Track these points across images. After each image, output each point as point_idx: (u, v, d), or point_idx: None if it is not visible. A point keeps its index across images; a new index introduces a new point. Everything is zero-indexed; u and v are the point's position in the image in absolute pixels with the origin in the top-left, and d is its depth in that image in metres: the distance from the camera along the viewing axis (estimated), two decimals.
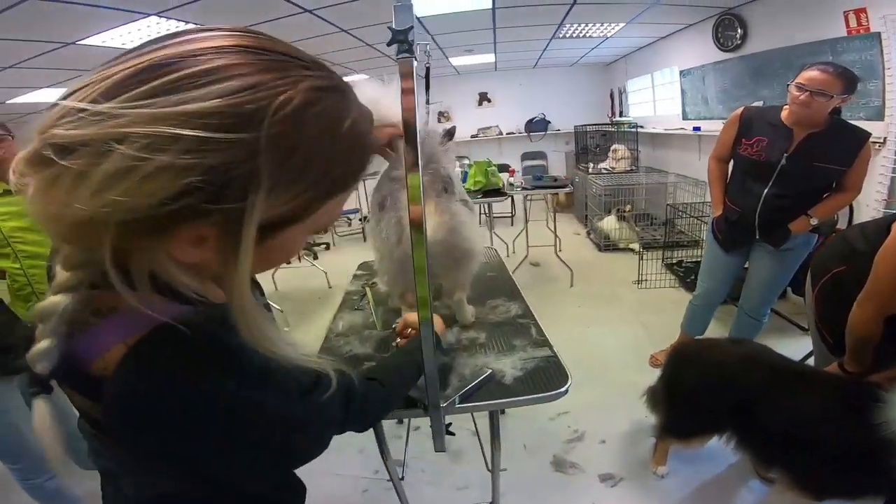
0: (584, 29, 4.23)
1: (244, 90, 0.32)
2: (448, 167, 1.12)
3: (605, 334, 2.81)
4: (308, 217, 0.40)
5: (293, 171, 0.36)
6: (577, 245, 4.67)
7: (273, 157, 0.33)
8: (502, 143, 6.94)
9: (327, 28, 3.28)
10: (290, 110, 0.34)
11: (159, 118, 0.30)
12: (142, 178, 0.30)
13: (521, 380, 1.00)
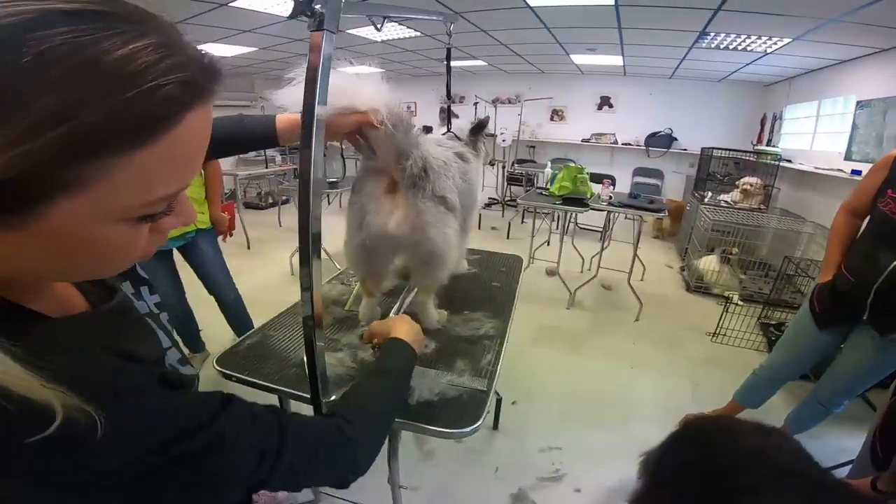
0: (734, 41, 3.69)
1: None
2: (432, 161, 1.06)
3: (646, 379, 2.53)
4: (77, 186, 0.31)
5: (15, 107, 0.27)
6: (663, 278, 4.21)
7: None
8: (615, 153, 6.45)
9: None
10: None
11: None
12: None
13: (428, 404, 0.92)
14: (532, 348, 2.84)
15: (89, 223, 0.33)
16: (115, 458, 0.35)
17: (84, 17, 0.29)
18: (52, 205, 0.30)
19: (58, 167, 0.29)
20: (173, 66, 0.32)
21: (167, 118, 0.32)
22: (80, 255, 0.36)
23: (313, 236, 0.69)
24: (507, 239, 5.15)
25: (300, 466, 0.53)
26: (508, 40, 4.20)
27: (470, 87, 6.69)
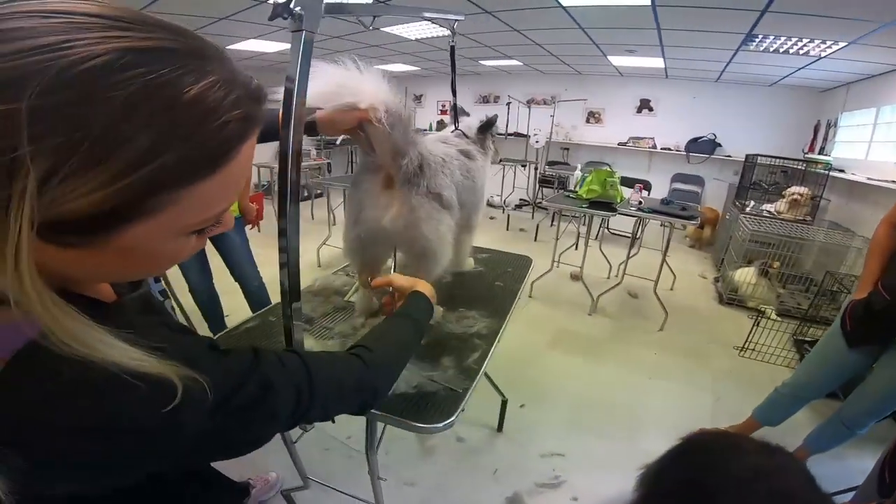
0: (784, 44, 3.50)
1: (12, 54, 0.27)
2: (429, 158, 1.07)
3: (662, 391, 2.44)
4: (152, 213, 0.34)
5: (86, 153, 0.29)
6: (694, 288, 4.05)
7: (44, 133, 0.27)
8: (654, 157, 6.23)
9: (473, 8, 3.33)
10: (71, 75, 0.28)
11: None
12: None
13: (404, 398, 0.93)
14: (548, 352, 2.80)
15: (156, 240, 0.37)
16: (197, 418, 0.40)
17: (157, 54, 0.31)
18: (130, 228, 0.34)
19: (141, 200, 0.33)
20: (235, 102, 0.35)
21: (229, 152, 0.37)
22: (142, 264, 0.40)
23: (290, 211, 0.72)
24: (535, 241, 5.09)
25: (330, 397, 0.59)
26: (543, 40, 4.14)
27: (505, 87, 6.65)
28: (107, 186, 0.30)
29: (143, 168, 0.31)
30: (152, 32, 0.32)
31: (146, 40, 0.31)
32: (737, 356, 2.85)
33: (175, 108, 0.32)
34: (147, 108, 0.30)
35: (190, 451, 0.43)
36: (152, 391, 0.35)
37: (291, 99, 0.70)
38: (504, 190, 6.49)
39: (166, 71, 0.31)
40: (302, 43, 0.69)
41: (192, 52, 0.34)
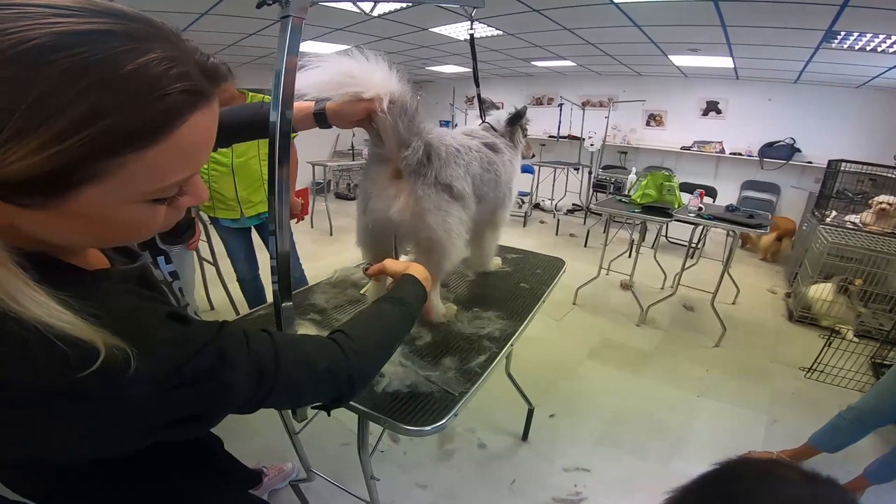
0: (870, 41, 3.13)
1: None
2: (439, 148, 1.04)
3: (711, 411, 2.25)
4: (97, 178, 0.36)
5: (24, 120, 0.32)
6: (762, 304, 3.69)
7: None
8: (721, 163, 5.80)
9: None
10: (11, 55, 0.31)
11: None
12: None
13: (395, 396, 0.90)
14: (587, 362, 2.67)
15: (111, 206, 0.40)
16: (143, 387, 0.40)
17: (95, 36, 0.34)
18: (80, 192, 0.37)
19: (81, 164, 0.35)
20: (179, 76, 0.37)
21: (172, 121, 0.38)
22: (106, 230, 0.43)
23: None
24: (585, 247, 4.90)
25: (300, 379, 0.57)
26: (597, 39, 3.97)
27: (559, 88, 6.47)
28: (43, 150, 0.33)
29: (76, 135, 0.33)
30: (94, 17, 0.35)
31: (86, 24, 0.34)
32: (802, 377, 2.57)
33: (110, 81, 0.34)
34: (81, 81, 0.33)
35: (135, 421, 0.42)
36: (70, 352, 0.36)
37: (279, 86, 0.70)
38: (556, 194, 6.32)
39: (103, 49, 0.34)
40: (289, 29, 0.69)
41: (132, 33, 0.36)
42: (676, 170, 5.31)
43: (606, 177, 6.00)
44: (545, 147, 6.80)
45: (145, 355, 0.39)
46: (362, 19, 3.35)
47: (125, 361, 0.38)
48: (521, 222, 5.83)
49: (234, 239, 2.43)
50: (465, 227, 1.12)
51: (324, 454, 1.77)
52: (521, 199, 6.03)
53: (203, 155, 0.44)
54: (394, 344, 0.75)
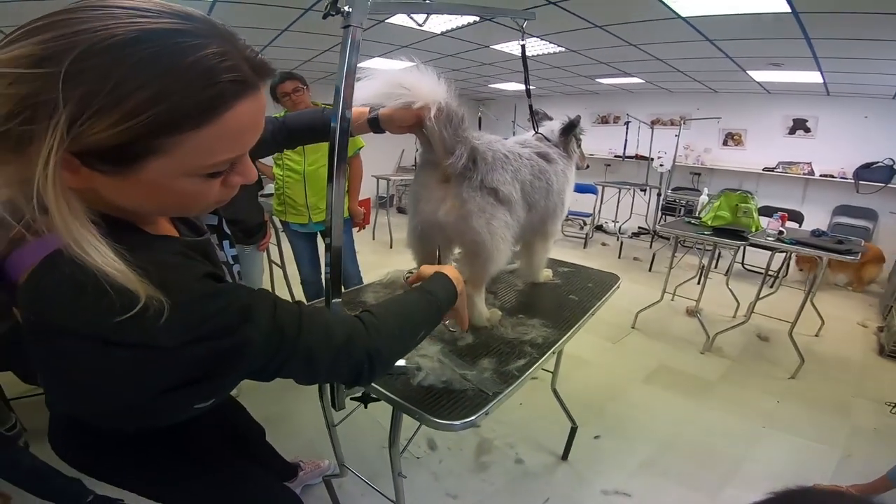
0: None
1: (67, 35, 0.39)
2: (485, 153, 1.07)
3: (777, 442, 2.07)
4: (159, 152, 0.44)
5: (107, 99, 0.39)
6: (850, 337, 3.33)
7: (73, 87, 0.38)
8: (809, 186, 5.31)
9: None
10: (99, 47, 0.38)
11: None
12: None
13: (428, 390, 0.92)
14: (642, 385, 2.54)
15: (170, 177, 0.47)
16: (170, 337, 0.45)
17: (165, 33, 0.42)
18: (144, 163, 0.44)
19: (146, 139, 0.42)
20: (228, 68, 0.44)
21: (221, 107, 0.45)
22: (166, 198, 0.50)
23: None
24: (649, 272, 4.67)
25: (317, 347, 0.59)
26: (665, 55, 3.84)
27: (625, 106, 6.29)
28: (118, 125, 0.40)
29: (144, 114, 0.40)
30: (166, 18, 0.42)
31: (158, 23, 0.41)
32: (887, 413, 2.31)
33: (173, 71, 0.41)
34: (150, 70, 0.40)
35: (158, 374, 0.47)
36: (116, 299, 0.42)
37: (339, 91, 0.77)
38: (620, 216, 6.10)
39: (169, 44, 0.41)
40: (350, 38, 0.76)
41: (194, 31, 0.43)
42: (758, 193, 4.93)
43: (676, 199, 5.70)
44: (610, 167, 6.62)
45: (177, 306, 0.45)
46: (426, 37, 3.50)
47: (159, 311, 0.43)
48: (582, 244, 5.68)
49: (301, 242, 2.60)
50: (510, 232, 1.13)
51: (360, 455, 1.81)
52: (583, 221, 5.88)
53: (249, 137, 0.51)
54: (417, 329, 0.76)
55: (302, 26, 3.35)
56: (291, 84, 2.28)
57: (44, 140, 0.38)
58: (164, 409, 0.53)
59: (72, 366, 0.47)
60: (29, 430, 1.77)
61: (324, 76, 5.58)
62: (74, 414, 0.67)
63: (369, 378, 0.67)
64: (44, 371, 0.51)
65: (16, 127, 0.38)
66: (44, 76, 0.38)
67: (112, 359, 0.45)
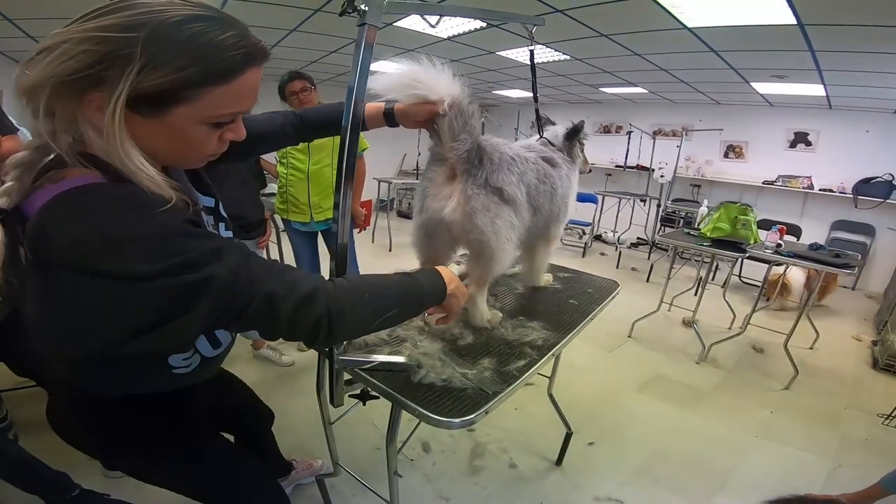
0: None
1: (142, 13, 0.53)
2: (492, 152, 1.08)
3: (769, 451, 2.09)
4: (187, 100, 0.57)
5: (164, 58, 0.53)
6: (844, 350, 3.35)
7: (147, 47, 0.52)
8: (809, 200, 5.34)
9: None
10: (163, 24, 0.54)
11: (86, 29, 0.52)
12: (67, 57, 0.51)
13: (430, 388, 0.92)
14: (636, 394, 2.55)
15: (188, 122, 0.60)
16: (150, 265, 0.54)
17: (204, 18, 0.57)
18: (174, 109, 0.58)
19: (182, 88, 0.57)
20: (242, 45, 0.59)
21: (236, 71, 0.60)
22: (179, 144, 0.63)
23: None
24: (647, 282, 4.69)
25: (279, 294, 0.62)
26: (670, 65, 3.87)
27: (628, 116, 6.31)
28: (165, 77, 0.54)
29: (184, 70, 0.55)
30: (202, 9, 0.58)
31: (199, 12, 0.57)
32: (879, 424, 2.34)
33: (207, 44, 0.57)
34: (191, 43, 0.55)
35: (134, 308, 0.56)
36: (157, 202, 0.56)
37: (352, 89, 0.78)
38: (619, 226, 6.11)
39: (205, 25, 0.57)
40: (364, 36, 0.77)
41: (222, 18, 0.59)
42: (757, 206, 4.93)
43: (676, 210, 5.72)
44: (611, 177, 6.64)
45: (157, 237, 0.55)
46: (433, 41, 3.52)
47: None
48: (581, 253, 5.69)
49: (302, 241, 2.61)
50: (515, 233, 1.13)
51: (353, 455, 1.81)
52: (583, 230, 5.89)
53: (249, 99, 0.65)
54: (387, 304, 0.74)
55: (311, 27, 3.36)
56: (300, 83, 2.29)
57: (117, 83, 0.52)
58: (140, 361, 0.68)
59: (60, 297, 0.58)
60: (19, 423, 1.78)
61: (330, 77, 5.60)
62: (58, 359, 0.71)
63: (327, 339, 0.67)
64: (38, 308, 0.61)
65: (97, 72, 0.52)
66: (127, 39, 0.52)
67: (95, 289, 0.55)
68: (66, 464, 1.54)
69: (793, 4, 2.31)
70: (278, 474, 1.60)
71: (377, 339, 1.08)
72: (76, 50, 0.51)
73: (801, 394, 2.63)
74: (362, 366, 0.95)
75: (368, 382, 0.94)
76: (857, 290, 5.01)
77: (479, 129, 1.05)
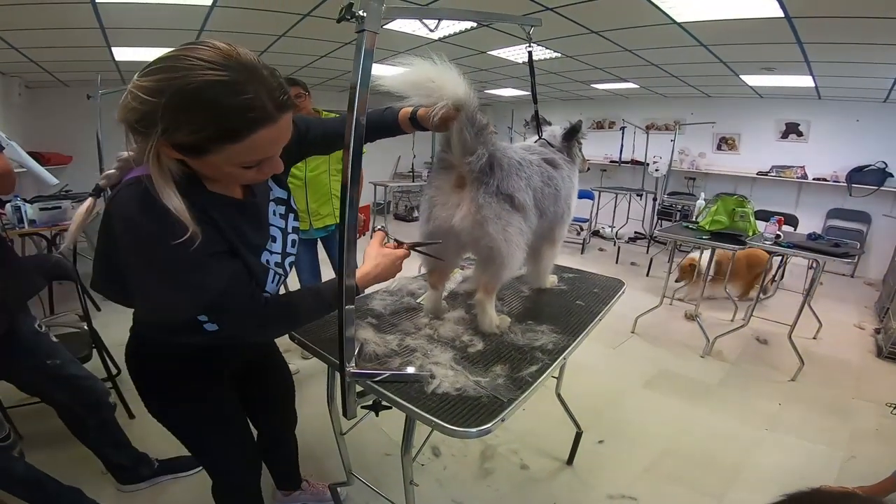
0: None
1: (168, 78, 0.64)
2: (502, 159, 1.07)
3: (782, 446, 2.08)
4: (217, 150, 0.69)
5: (184, 120, 0.65)
6: (847, 339, 3.36)
7: (168, 113, 0.64)
8: (803, 190, 5.37)
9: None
10: (184, 91, 0.63)
11: (136, 86, 0.65)
12: (127, 110, 0.67)
13: (444, 398, 0.91)
14: (642, 391, 2.55)
15: (221, 165, 0.73)
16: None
17: (221, 83, 0.65)
18: (206, 156, 0.70)
19: (206, 144, 0.68)
20: (257, 108, 0.68)
21: (246, 133, 0.69)
22: (221, 174, 0.77)
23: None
24: (647, 277, 4.69)
25: (231, 308, 0.83)
26: (661, 60, 3.88)
27: (620, 112, 6.33)
28: (188, 137, 0.67)
29: (202, 132, 0.67)
30: (226, 71, 0.65)
31: (216, 76, 0.64)
32: (888, 414, 2.31)
33: (220, 109, 0.66)
34: (209, 107, 0.65)
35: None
36: (173, 225, 0.69)
37: (355, 92, 0.76)
38: (617, 221, 6.12)
39: (219, 91, 0.65)
40: (364, 42, 0.76)
41: (238, 81, 0.66)
42: (752, 197, 4.91)
43: (672, 203, 5.74)
44: (606, 172, 6.64)
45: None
46: (423, 42, 3.50)
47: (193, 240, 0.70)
48: (580, 249, 5.69)
49: (301, 249, 2.57)
50: (524, 239, 1.12)
51: (364, 461, 1.80)
52: (580, 226, 5.90)
53: (268, 150, 0.75)
54: (301, 322, 1.02)
55: (300, 31, 3.35)
56: (294, 90, 2.27)
57: (150, 138, 0.66)
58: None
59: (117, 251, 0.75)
60: (25, 438, 1.79)
61: (322, 81, 5.58)
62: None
63: (250, 338, 1.04)
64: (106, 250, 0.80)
65: (140, 128, 0.67)
66: (152, 103, 0.64)
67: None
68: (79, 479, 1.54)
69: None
70: (286, 486, 1.58)
71: (387, 349, 1.07)
72: (131, 105, 0.66)
73: (808, 385, 2.63)
74: (374, 378, 0.94)
75: (381, 395, 0.93)
76: (857, 278, 5.04)
77: (492, 138, 1.04)
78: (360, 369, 0.94)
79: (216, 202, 0.81)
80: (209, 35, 2.10)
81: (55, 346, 1.54)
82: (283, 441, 1.47)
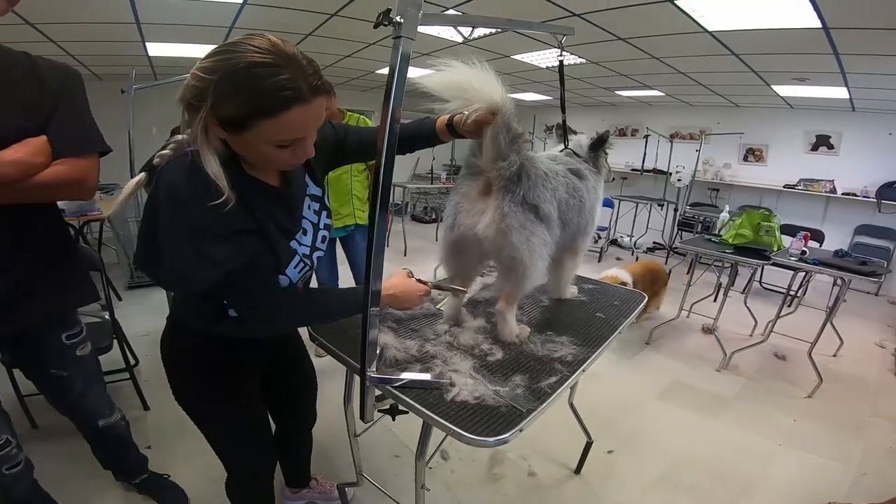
0: None
1: (223, 59, 0.71)
2: (530, 169, 1.07)
3: (795, 461, 2.05)
4: (255, 125, 0.74)
5: (230, 96, 0.71)
6: (867, 357, 3.28)
7: (218, 88, 0.71)
8: (831, 204, 5.22)
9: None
10: (234, 69, 0.71)
11: (198, 67, 0.73)
12: (187, 88, 0.74)
13: (463, 406, 0.91)
14: (656, 402, 2.52)
15: (257, 143, 0.77)
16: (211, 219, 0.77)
17: (264, 64, 0.71)
18: (245, 131, 0.75)
19: (244, 119, 0.73)
20: (291, 87, 0.72)
21: (281, 109, 0.73)
22: (257, 154, 0.81)
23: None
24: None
25: (247, 289, 0.88)
26: (688, 68, 3.82)
27: (644, 119, 6.25)
28: (229, 111, 0.73)
29: (242, 107, 0.72)
30: (265, 55, 0.71)
31: (260, 59, 0.71)
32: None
33: (259, 86, 0.71)
34: (251, 84, 0.71)
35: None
36: (210, 189, 0.75)
37: (390, 97, 0.77)
38: (636, 230, 6.04)
39: (261, 71, 0.71)
40: (401, 47, 0.76)
41: (278, 63, 0.72)
42: (777, 210, 4.83)
43: (694, 214, 5.64)
44: (627, 181, 6.56)
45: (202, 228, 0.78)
46: (449, 45, 3.52)
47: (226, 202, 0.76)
48: (597, 257, 5.64)
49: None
50: (548, 250, 1.12)
51: (373, 462, 1.81)
52: (598, 234, 5.85)
53: (300, 130, 0.78)
54: (309, 322, 1.14)
55: (326, 31, 3.39)
56: None
57: (201, 111, 0.73)
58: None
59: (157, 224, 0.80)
60: (40, 427, 1.85)
61: (344, 81, 5.64)
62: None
63: (258, 332, 1.05)
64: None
65: (195, 102, 0.74)
66: (207, 80, 0.71)
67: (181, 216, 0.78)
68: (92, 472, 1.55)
69: (818, 8, 2.27)
70: (294, 483, 1.60)
71: (407, 355, 1.08)
72: (191, 83, 0.74)
73: (825, 402, 2.58)
74: (394, 383, 0.94)
75: (400, 400, 0.94)
76: (881, 296, 4.89)
77: (525, 150, 1.05)
78: (381, 374, 0.95)
79: (253, 185, 0.86)
80: (238, 32, 2.14)
81: (76, 360, 1.32)
82: (300, 439, 1.49)
